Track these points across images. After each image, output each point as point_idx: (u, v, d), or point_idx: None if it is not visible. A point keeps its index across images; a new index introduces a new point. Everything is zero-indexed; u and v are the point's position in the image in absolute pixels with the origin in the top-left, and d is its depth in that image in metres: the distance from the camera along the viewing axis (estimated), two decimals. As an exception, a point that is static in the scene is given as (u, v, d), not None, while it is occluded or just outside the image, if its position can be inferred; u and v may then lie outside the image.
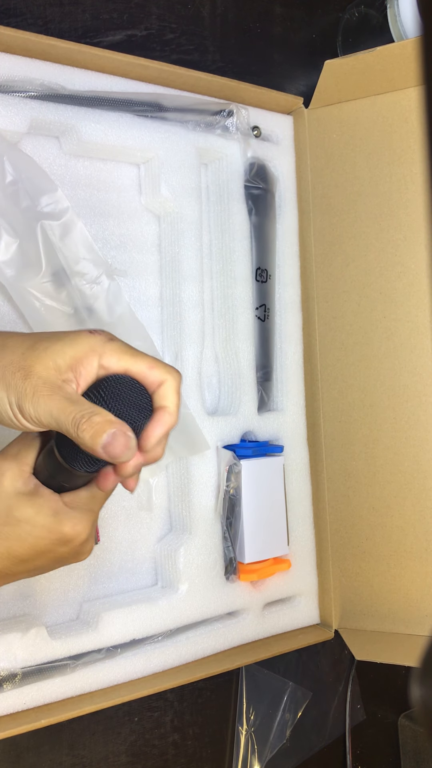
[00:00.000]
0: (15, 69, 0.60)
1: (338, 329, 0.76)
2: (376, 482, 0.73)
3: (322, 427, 0.77)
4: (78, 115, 0.62)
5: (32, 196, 0.59)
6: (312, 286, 0.77)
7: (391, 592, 0.72)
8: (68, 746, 0.64)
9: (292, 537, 0.75)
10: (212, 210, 0.73)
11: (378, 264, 0.73)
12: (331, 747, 0.81)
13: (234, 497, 0.69)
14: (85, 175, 0.66)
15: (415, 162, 0.70)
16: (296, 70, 0.81)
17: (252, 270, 0.74)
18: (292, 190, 0.78)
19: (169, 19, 0.72)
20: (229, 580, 0.69)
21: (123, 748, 0.67)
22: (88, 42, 0.66)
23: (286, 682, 0.77)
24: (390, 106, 0.72)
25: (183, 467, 0.68)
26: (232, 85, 0.70)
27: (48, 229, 0.60)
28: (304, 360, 0.77)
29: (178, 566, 0.66)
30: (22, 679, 0.57)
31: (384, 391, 0.72)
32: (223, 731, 0.74)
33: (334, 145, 0.75)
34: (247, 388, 0.72)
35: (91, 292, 0.62)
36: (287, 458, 0.75)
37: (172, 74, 0.66)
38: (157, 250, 0.70)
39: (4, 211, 0.58)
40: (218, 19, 0.76)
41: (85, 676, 0.60)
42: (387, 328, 0.72)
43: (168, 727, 0.70)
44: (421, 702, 0.23)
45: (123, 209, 0.68)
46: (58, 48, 0.60)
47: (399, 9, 0.76)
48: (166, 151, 0.67)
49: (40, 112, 0.60)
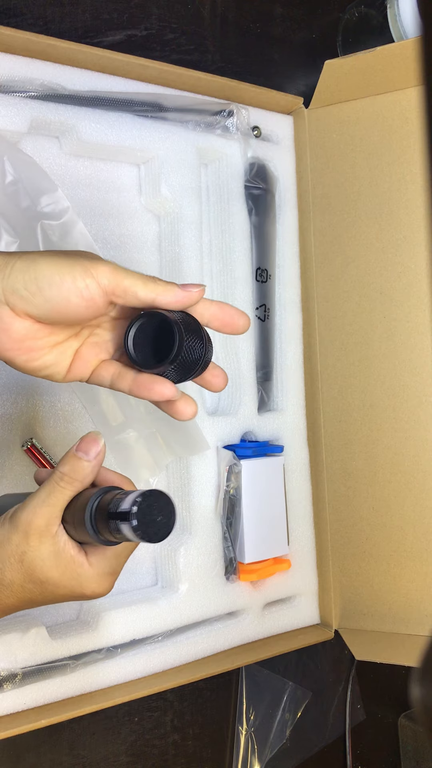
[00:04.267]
0: (15, 69, 0.60)
1: (338, 329, 0.76)
2: (376, 482, 0.73)
3: (322, 427, 0.77)
4: (78, 115, 0.62)
5: (32, 196, 0.59)
6: (312, 286, 0.77)
7: (391, 592, 0.72)
8: (68, 746, 0.64)
9: (292, 537, 0.75)
10: (212, 210, 0.73)
11: (378, 264, 0.73)
12: (331, 747, 0.81)
13: (234, 497, 0.69)
14: (85, 175, 0.66)
15: (415, 162, 0.70)
16: (296, 70, 0.81)
17: (252, 270, 0.74)
18: (292, 190, 0.78)
19: (169, 19, 0.72)
20: (229, 580, 0.69)
21: (123, 748, 0.67)
22: (88, 42, 0.66)
23: (286, 682, 0.77)
24: (390, 106, 0.72)
25: (183, 467, 0.68)
26: (232, 85, 0.70)
27: (48, 229, 0.60)
28: (304, 360, 0.77)
29: (178, 566, 0.66)
30: (22, 679, 0.57)
31: (384, 391, 0.72)
32: (223, 731, 0.74)
33: (334, 145, 0.75)
34: (247, 388, 0.72)
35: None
36: (287, 458, 0.75)
37: (172, 74, 0.66)
38: (157, 250, 0.70)
39: (4, 211, 0.58)
40: (218, 19, 0.76)
41: (85, 676, 0.60)
42: (387, 328, 0.72)
43: (168, 727, 0.70)
44: (421, 702, 0.23)
45: (123, 209, 0.68)
46: (58, 48, 0.60)
47: (399, 9, 0.76)
48: (166, 151, 0.67)
49: (40, 112, 0.60)
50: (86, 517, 0.41)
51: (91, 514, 0.41)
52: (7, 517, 0.43)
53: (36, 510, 0.42)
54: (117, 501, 0.40)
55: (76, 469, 0.42)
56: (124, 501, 0.39)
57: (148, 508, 0.39)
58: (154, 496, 0.40)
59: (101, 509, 0.41)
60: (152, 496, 0.39)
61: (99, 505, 0.41)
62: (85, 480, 0.43)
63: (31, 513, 0.42)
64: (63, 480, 0.42)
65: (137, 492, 0.40)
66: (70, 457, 0.43)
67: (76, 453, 0.43)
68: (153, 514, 0.39)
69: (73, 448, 0.43)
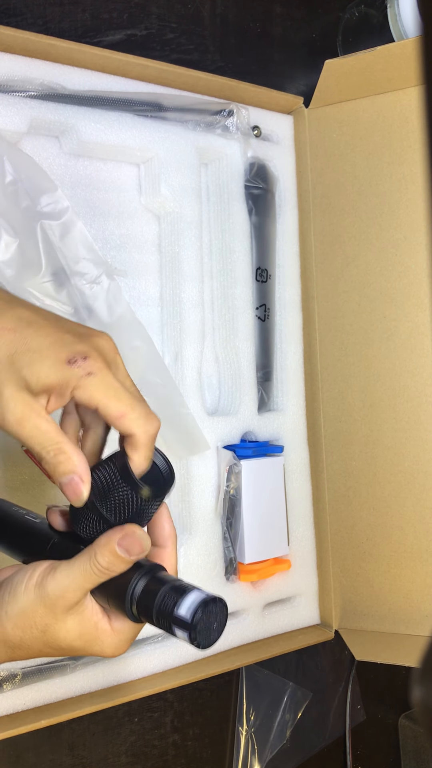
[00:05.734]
0: (15, 69, 0.60)
1: (338, 329, 0.76)
2: (376, 482, 0.73)
3: (322, 427, 0.77)
4: (78, 115, 0.62)
5: (32, 195, 0.59)
6: (312, 286, 0.77)
7: (391, 592, 0.72)
8: (68, 746, 0.64)
9: (292, 537, 0.75)
10: (212, 210, 0.72)
11: (378, 264, 0.73)
12: (332, 747, 0.81)
13: (234, 497, 0.69)
14: (85, 175, 0.66)
15: (415, 162, 0.70)
16: (296, 70, 0.81)
17: (252, 270, 0.74)
18: (292, 190, 0.78)
19: (169, 18, 0.72)
20: (229, 581, 0.69)
21: (123, 749, 0.67)
22: (88, 42, 0.66)
23: (286, 682, 0.77)
24: (390, 106, 0.72)
25: (183, 467, 0.68)
26: (232, 84, 0.70)
27: (48, 229, 0.60)
28: (304, 360, 0.77)
29: (178, 566, 0.66)
30: (22, 680, 0.57)
31: (384, 391, 0.72)
32: (223, 732, 0.74)
33: (334, 145, 0.75)
34: (247, 388, 0.72)
35: (90, 292, 0.62)
36: (287, 458, 0.75)
37: (172, 74, 0.66)
38: (157, 250, 0.70)
39: (4, 211, 0.58)
40: (218, 19, 0.76)
41: (85, 676, 0.60)
42: (387, 328, 0.72)
43: (168, 727, 0.70)
44: (421, 702, 0.23)
45: (123, 209, 0.68)
46: (58, 48, 0.60)
47: (399, 8, 0.76)
48: (166, 151, 0.67)
49: (40, 112, 0.60)
50: (126, 604, 0.40)
51: (130, 599, 0.40)
52: (32, 583, 0.40)
53: (68, 590, 0.39)
54: (168, 599, 0.38)
55: (114, 564, 0.40)
56: (181, 606, 0.38)
57: (207, 617, 0.38)
58: (212, 603, 0.38)
59: (146, 597, 0.39)
60: (211, 604, 0.38)
61: (144, 594, 0.40)
62: (123, 570, 0.40)
63: (61, 589, 0.39)
64: (98, 568, 0.39)
65: (195, 599, 0.38)
66: (110, 552, 0.40)
67: (118, 550, 0.40)
68: (210, 622, 0.38)
69: (114, 539, 0.40)
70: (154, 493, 0.42)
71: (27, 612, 0.39)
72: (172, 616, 0.38)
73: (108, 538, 0.40)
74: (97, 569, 0.40)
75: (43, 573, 0.40)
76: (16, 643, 0.40)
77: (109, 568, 0.40)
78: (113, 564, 0.40)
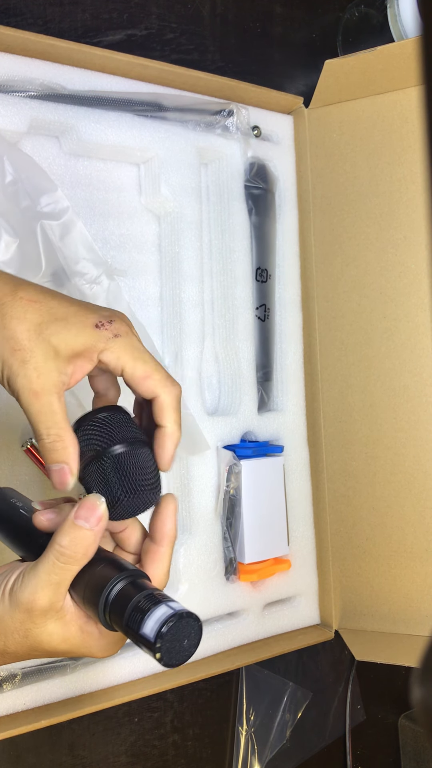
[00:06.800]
0: (15, 69, 0.60)
1: (338, 329, 0.76)
2: (376, 482, 0.73)
3: (322, 427, 0.77)
4: (78, 115, 0.62)
5: (32, 195, 0.59)
6: (312, 286, 0.77)
7: (391, 592, 0.72)
8: (68, 746, 0.64)
9: (292, 537, 0.75)
10: (212, 210, 0.72)
11: (378, 264, 0.73)
12: (332, 747, 0.81)
13: (234, 497, 0.69)
14: (85, 175, 0.66)
15: (415, 162, 0.70)
16: (296, 70, 0.81)
17: (252, 270, 0.74)
18: (292, 190, 0.78)
19: (169, 18, 0.72)
20: (229, 581, 0.69)
21: (123, 749, 0.67)
22: (88, 42, 0.66)
23: (286, 682, 0.77)
24: (390, 106, 0.72)
25: (183, 467, 0.68)
26: (232, 84, 0.70)
27: (48, 229, 0.60)
28: (304, 360, 0.77)
29: (178, 566, 0.66)
30: (22, 680, 0.57)
31: (384, 391, 0.72)
32: (223, 732, 0.74)
33: (334, 145, 0.75)
34: (247, 388, 0.72)
35: (90, 292, 0.62)
36: (287, 458, 0.75)
37: (172, 74, 0.66)
38: (157, 249, 0.70)
39: (4, 211, 0.58)
40: (218, 19, 0.76)
41: (85, 676, 0.60)
42: (387, 328, 0.72)
43: (168, 727, 0.70)
44: (421, 702, 0.23)
45: (123, 209, 0.68)
46: (58, 48, 0.60)
47: (399, 8, 0.76)
48: (166, 151, 0.67)
49: (40, 112, 0.60)
50: (99, 612, 0.38)
51: (105, 606, 0.37)
52: (6, 590, 0.39)
53: (37, 591, 0.38)
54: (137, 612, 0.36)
55: (76, 541, 0.38)
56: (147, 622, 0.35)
57: (175, 634, 0.35)
58: (182, 620, 0.35)
59: (117, 607, 0.37)
60: (180, 621, 0.35)
61: (115, 601, 0.37)
62: (88, 552, 0.38)
63: (31, 593, 0.38)
64: (63, 555, 0.38)
65: (163, 613, 0.35)
66: (68, 526, 0.38)
67: (75, 521, 0.38)
68: (179, 639, 0.35)
69: (71, 514, 0.38)
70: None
71: (5, 619, 0.38)
72: (140, 636, 0.35)
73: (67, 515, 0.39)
74: (60, 556, 0.38)
75: (16, 577, 0.39)
76: (1, 650, 0.39)
77: (71, 547, 0.38)
78: (75, 542, 0.38)
